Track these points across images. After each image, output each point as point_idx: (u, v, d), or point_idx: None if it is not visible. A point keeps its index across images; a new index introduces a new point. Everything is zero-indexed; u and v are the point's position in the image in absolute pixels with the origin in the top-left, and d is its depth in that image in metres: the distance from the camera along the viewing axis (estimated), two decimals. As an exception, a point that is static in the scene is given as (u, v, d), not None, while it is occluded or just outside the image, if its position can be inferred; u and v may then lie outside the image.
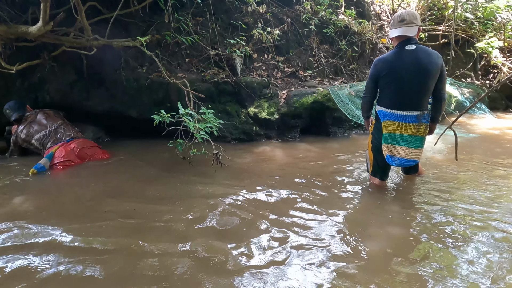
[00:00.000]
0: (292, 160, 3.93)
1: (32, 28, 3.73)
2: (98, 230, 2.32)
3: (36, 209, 2.65)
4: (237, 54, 4.70)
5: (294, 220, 2.48)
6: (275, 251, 2.09)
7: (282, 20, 5.50)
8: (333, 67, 5.54)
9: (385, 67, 2.71)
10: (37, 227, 2.34)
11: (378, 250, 2.13)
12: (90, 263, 1.95)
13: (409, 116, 2.81)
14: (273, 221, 2.47)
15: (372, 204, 2.81)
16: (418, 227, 2.42)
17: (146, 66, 4.60)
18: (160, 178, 3.34)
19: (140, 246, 2.13)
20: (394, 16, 2.80)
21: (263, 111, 4.68)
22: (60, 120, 4.02)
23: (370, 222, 2.49)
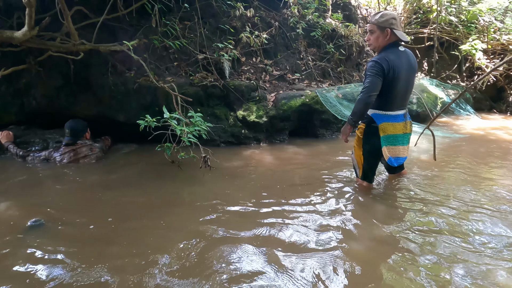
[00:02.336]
0: (281, 163, 3.96)
1: (18, 33, 3.70)
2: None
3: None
4: (225, 58, 4.72)
5: (281, 227, 2.50)
6: (263, 260, 2.11)
7: (270, 24, 5.55)
8: (321, 70, 5.61)
9: (390, 67, 2.72)
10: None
11: (366, 252, 2.17)
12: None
13: (398, 115, 2.92)
14: (261, 227, 2.49)
15: (362, 206, 2.85)
16: (408, 227, 2.47)
17: (134, 71, 4.59)
18: (147, 181, 3.33)
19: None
20: (392, 15, 2.81)
21: (252, 114, 4.71)
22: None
23: (359, 224, 2.52)
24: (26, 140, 4.28)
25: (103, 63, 4.49)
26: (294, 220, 2.55)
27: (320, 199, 2.95)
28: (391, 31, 2.78)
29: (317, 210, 2.73)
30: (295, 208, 2.76)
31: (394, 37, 2.81)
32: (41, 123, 4.64)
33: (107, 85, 4.44)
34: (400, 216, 2.65)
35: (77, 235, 2.31)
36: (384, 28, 2.79)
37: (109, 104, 4.53)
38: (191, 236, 2.30)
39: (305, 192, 3.08)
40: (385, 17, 2.79)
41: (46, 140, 4.29)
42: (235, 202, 2.85)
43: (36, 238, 2.24)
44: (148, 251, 2.11)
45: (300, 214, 2.64)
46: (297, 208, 2.75)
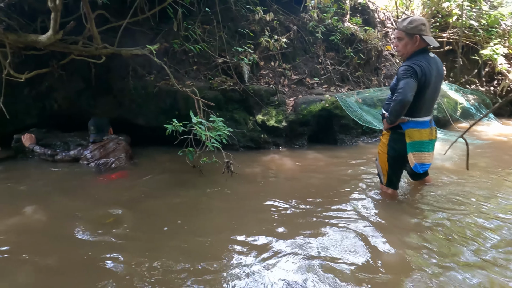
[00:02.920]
0: (302, 169, 3.90)
1: (42, 37, 3.73)
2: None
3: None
4: (244, 62, 4.69)
5: (307, 233, 2.44)
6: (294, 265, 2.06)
7: (289, 28, 5.51)
8: (340, 74, 5.54)
9: (422, 73, 2.65)
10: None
11: (397, 261, 2.10)
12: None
13: (425, 121, 2.87)
14: (286, 234, 2.44)
15: (388, 214, 2.78)
16: (436, 236, 2.39)
17: (154, 74, 4.60)
18: (170, 187, 3.31)
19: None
20: (421, 21, 2.74)
21: (271, 118, 4.66)
22: (123, 153, 3.97)
23: (387, 233, 2.46)
24: (47, 142, 4.30)
25: (124, 67, 4.51)
26: (320, 228, 2.49)
27: (345, 206, 2.89)
28: (420, 37, 2.72)
29: (342, 217, 2.67)
30: (321, 215, 2.71)
31: (423, 44, 2.75)
32: (61, 126, 4.66)
33: (127, 89, 4.45)
34: (426, 225, 2.57)
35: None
36: (413, 35, 2.72)
37: (129, 107, 4.54)
38: (221, 244, 2.26)
39: (329, 199, 3.03)
40: (414, 23, 2.72)
41: (67, 143, 4.31)
42: (262, 209, 2.81)
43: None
44: (179, 257, 2.08)
45: (326, 221, 2.59)
46: (322, 215, 2.70)
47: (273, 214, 2.75)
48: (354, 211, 2.79)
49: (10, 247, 2.22)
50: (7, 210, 2.78)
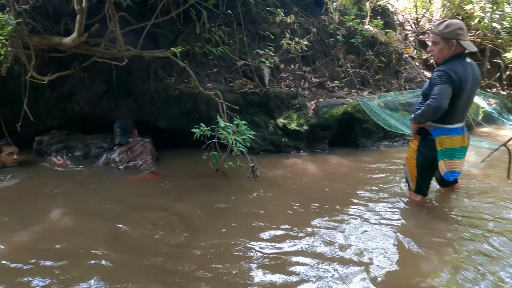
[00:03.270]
0: (325, 174, 3.82)
1: (67, 39, 3.72)
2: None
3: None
4: (265, 65, 4.64)
5: (333, 240, 2.36)
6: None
7: (308, 30, 5.45)
8: (360, 77, 5.46)
9: (457, 79, 2.56)
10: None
11: (432, 272, 2.02)
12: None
13: (457, 128, 2.78)
14: (312, 240, 2.37)
15: (418, 222, 2.69)
16: (468, 246, 2.30)
17: (174, 77, 4.57)
18: (198, 191, 3.26)
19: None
20: (458, 25, 2.65)
21: (292, 122, 4.60)
22: (149, 156, 3.95)
23: (418, 242, 2.36)
24: (69, 145, 4.30)
25: (145, 69, 4.49)
26: (346, 235, 2.42)
27: (372, 213, 2.80)
28: (457, 42, 2.62)
29: (370, 223, 2.59)
30: (348, 222, 2.63)
31: (460, 48, 2.65)
32: (81, 128, 4.66)
33: (148, 91, 4.43)
34: (458, 235, 2.47)
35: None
36: (449, 39, 2.63)
37: (149, 110, 4.51)
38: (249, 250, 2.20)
39: (355, 205, 2.95)
40: (451, 28, 2.63)
41: (88, 146, 4.30)
42: (288, 213, 2.75)
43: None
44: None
45: (352, 229, 2.51)
46: (349, 222, 2.62)
47: (300, 219, 2.69)
48: (382, 218, 2.71)
49: (66, 250, 2.21)
50: (44, 212, 2.76)
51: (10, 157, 3.78)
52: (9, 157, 3.77)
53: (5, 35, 3.24)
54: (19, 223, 2.57)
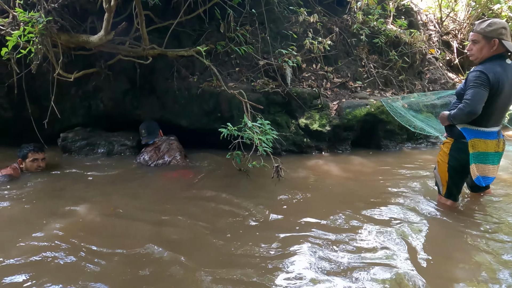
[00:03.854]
0: (349, 175, 3.76)
1: (94, 37, 3.77)
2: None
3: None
4: (288, 64, 4.60)
5: (360, 244, 2.30)
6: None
7: (331, 30, 5.39)
8: (383, 78, 5.36)
9: (495, 80, 2.47)
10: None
11: (467, 279, 1.95)
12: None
13: (492, 132, 2.67)
14: (338, 242, 2.32)
15: (448, 229, 2.60)
16: (502, 254, 2.21)
17: (197, 75, 4.58)
18: (219, 190, 3.24)
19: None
20: (502, 24, 2.56)
21: (315, 122, 4.54)
22: (177, 153, 4.04)
23: (450, 248, 2.29)
24: (92, 142, 4.36)
25: (168, 68, 4.51)
26: (372, 240, 2.35)
27: (399, 216, 2.72)
28: (499, 41, 2.52)
29: (398, 228, 2.51)
30: (374, 224, 2.56)
31: (501, 49, 2.54)
32: (104, 126, 4.71)
33: (171, 90, 4.44)
34: (489, 241, 2.37)
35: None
36: (491, 38, 2.53)
37: (172, 108, 4.53)
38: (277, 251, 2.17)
39: (380, 208, 2.87)
40: (494, 26, 2.53)
41: (111, 143, 4.35)
42: (315, 216, 2.70)
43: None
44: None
45: (379, 232, 2.44)
46: (375, 225, 2.55)
47: (324, 220, 2.64)
48: (409, 222, 2.63)
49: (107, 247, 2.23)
50: (77, 207, 2.80)
51: (35, 163, 3.61)
52: (33, 163, 3.61)
53: (35, 32, 3.29)
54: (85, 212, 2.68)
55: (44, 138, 4.26)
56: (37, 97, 4.44)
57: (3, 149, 4.38)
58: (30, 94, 4.34)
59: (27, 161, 3.58)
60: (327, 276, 1.94)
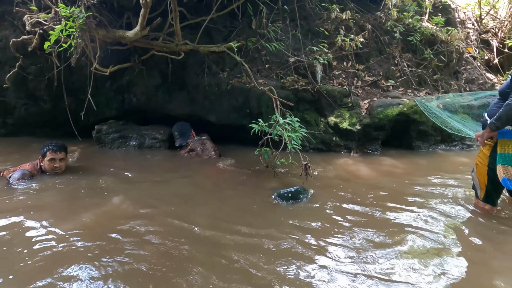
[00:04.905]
0: (379, 175, 3.67)
1: (129, 32, 3.87)
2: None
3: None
4: (318, 61, 4.54)
5: (388, 248, 2.23)
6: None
7: (363, 27, 5.27)
8: (417, 77, 5.18)
9: None
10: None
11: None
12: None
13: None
14: (366, 243, 2.26)
15: (487, 233, 2.48)
16: None
17: (227, 72, 4.61)
18: (246, 186, 3.25)
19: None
20: None
21: (344, 121, 4.47)
22: (212, 152, 4.15)
23: (487, 256, 2.18)
24: (125, 135, 4.48)
25: (199, 64, 4.57)
26: (403, 243, 2.27)
27: (432, 221, 2.61)
28: None
29: (433, 231, 2.42)
30: (405, 228, 2.47)
31: None
32: (136, 119, 4.84)
33: (202, 85, 4.50)
34: None
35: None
36: None
37: (201, 104, 4.59)
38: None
39: (413, 211, 2.76)
40: None
41: (143, 136, 4.46)
42: (343, 215, 2.65)
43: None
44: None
45: (411, 236, 2.35)
46: (407, 229, 2.46)
47: (353, 219, 2.59)
48: (445, 226, 2.52)
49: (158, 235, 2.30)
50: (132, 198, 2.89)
51: (52, 164, 3.28)
52: (50, 163, 3.28)
53: (76, 27, 3.42)
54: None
55: (80, 129, 4.44)
56: (74, 90, 4.62)
57: (43, 139, 4.58)
58: (67, 87, 4.53)
59: (45, 160, 3.28)
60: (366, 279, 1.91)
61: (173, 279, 1.83)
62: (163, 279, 1.84)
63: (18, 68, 4.46)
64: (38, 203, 2.75)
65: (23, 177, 3.11)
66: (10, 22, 4.59)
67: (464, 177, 3.52)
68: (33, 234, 2.25)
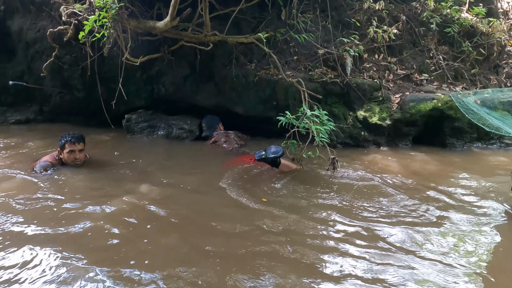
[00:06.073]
0: (411, 172, 3.53)
1: (160, 23, 3.91)
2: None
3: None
4: (349, 53, 4.41)
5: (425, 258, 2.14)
6: None
7: (397, 18, 5.06)
8: (453, 71, 4.93)
9: None
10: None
11: None
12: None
13: None
14: (404, 244, 2.18)
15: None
16: None
17: (254, 63, 4.58)
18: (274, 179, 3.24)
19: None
20: None
21: (374, 115, 4.33)
22: (235, 144, 4.18)
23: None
24: (153, 124, 4.57)
25: (227, 55, 4.56)
26: (444, 248, 2.18)
27: (469, 223, 2.49)
28: None
29: (467, 236, 2.31)
30: (444, 228, 2.37)
31: None
32: (164, 109, 4.91)
33: (229, 77, 4.49)
34: None
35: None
36: None
37: (228, 95, 4.58)
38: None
39: (448, 213, 2.64)
40: None
41: (170, 126, 4.52)
42: (372, 211, 2.58)
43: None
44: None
45: (451, 238, 2.26)
46: (446, 229, 2.36)
47: (383, 218, 2.51)
48: (482, 229, 2.40)
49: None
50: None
51: (71, 155, 3.23)
52: (70, 155, 3.23)
53: (109, 18, 3.49)
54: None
55: (110, 118, 4.55)
56: (105, 79, 4.75)
57: (77, 127, 4.77)
58: (100, 76, 4.66)
59: (65, 152, 3.24)
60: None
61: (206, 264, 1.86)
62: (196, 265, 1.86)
63: (54, 58, 4.63)
64: (63, 192, 2.82)
65: (46, 168, 3.18)
66: (48, 13, 4.77)
67: (501, 177, 3.33)
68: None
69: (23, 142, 4.14)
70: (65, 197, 2.68)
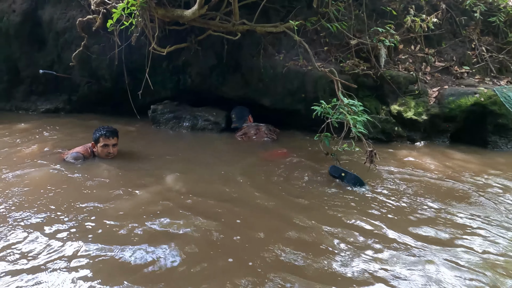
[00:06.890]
0: (448, 170, 3.30)
1: (187, 11, 3.82)
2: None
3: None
4: (383, 44, 4.17)
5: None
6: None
7: (436, 7, 4.75)
8: (498, 63, 4.58)
9: None
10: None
11: None
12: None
13: None
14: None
15: None
16: None
17: (283, 54, 4.41)
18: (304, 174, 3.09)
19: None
20: None
21: (409, 110, 4.09)
22: (266, 137, 4.07)
23: None
24: (179, 115, 4.51)
25: (255, 45, 4.42)
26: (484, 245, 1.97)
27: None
28: None
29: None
30: (486, 230, 2.16)
31: None
32: (190, 100, 4.84)
33: (256, 67, 4.36)
34: None
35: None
36: None
37: (255, 87, 4.45)
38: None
39: (496, 216, 2.42)
40: None
41: (196, 117, 4.45)
42: (408, 212, 2.40)
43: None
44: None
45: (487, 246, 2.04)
46: (484, 236, 2.15)
47: (419, 217, 2.34)
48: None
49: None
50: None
51: (105, 149, 3.22)
52: (104, 149, 3.22)
53: (137, 6, 3.42)
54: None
55: (137, 109, 4.52)
56: (132, 70, 4.72)
57: (104, 117, 4.78)
58: (127, 66, 4.63)
59: (98, 146, 3.24)
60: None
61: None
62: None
63: (83, 47, 4.65)
64: (92, 182, 2.77)
65: (77, 159, 3.17)
66: (78, 3, 4.78)
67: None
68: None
69: (51, 131, 4.18)
70: (96, 187, 2.66)
